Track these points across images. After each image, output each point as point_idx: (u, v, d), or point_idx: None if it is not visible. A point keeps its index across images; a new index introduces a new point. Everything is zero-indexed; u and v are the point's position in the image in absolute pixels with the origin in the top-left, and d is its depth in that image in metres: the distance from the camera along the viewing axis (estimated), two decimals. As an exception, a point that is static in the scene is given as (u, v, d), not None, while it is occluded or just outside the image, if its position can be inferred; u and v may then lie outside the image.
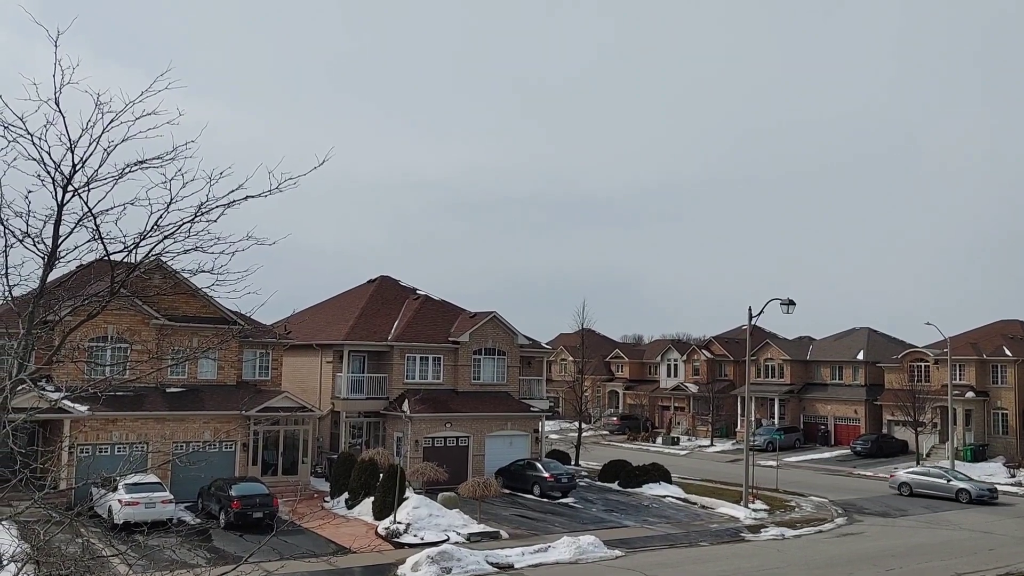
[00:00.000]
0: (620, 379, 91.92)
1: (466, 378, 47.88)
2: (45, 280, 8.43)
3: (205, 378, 40.65)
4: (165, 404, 38.26)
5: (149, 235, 8.41)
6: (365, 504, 35.97)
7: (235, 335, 40.66)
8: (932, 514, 41.27)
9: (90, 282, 10.06)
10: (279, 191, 8.49)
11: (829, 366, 75.03)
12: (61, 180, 8.13)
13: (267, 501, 33.27)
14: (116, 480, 29.05)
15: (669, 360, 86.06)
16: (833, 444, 71.13)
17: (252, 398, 40.09)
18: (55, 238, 8.26)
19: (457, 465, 43.46)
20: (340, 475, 38.70)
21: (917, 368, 67.25)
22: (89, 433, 36.10)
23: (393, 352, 46.51)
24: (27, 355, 8.47)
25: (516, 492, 43.10)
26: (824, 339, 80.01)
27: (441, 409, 45.44)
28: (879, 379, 70.69)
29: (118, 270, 8.81)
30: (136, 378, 26.45)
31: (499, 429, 46.58)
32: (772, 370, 76.77)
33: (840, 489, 49.01)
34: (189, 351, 37.10)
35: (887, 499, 45.73)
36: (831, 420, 73.11)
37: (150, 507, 31.30)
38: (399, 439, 44.61)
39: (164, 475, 34.58)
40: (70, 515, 9.37)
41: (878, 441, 65.36)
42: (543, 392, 53.47)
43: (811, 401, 74.49)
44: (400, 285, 53.26)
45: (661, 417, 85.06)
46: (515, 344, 49.88)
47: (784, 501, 43.60)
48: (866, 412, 70.35)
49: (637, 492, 44.57)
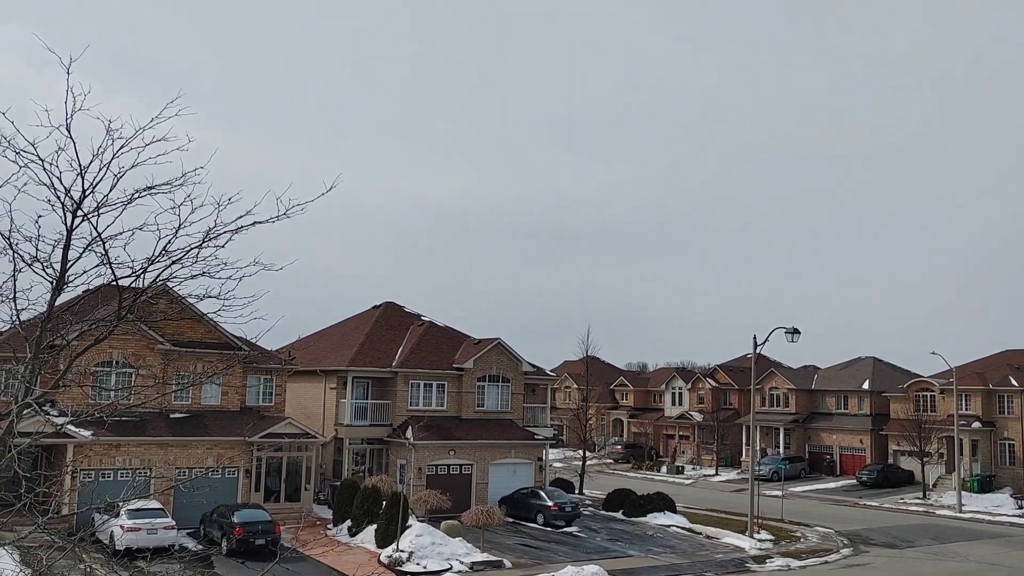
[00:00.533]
0: (624, 407, 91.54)
1: (470, 405, 47.74)
2: (53, 304, 8.48)
3: (209, 404, 40.61)
4: (169, 429, 38.20)
5: (157, 260, 8.46)
6: (368, 532, 35.77)
7: (240, 361, 40.69)
8: (939, 545, 40.88)
9: (97, 307, 10.11)
10: (287, 217, 8.55)
11: (834, 395, 74.70)
12: (71, 205, 8.20)
13: (270, 528, 33.09)
14: (119, 506, 29.05)
15: (674, 388, 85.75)
16: (839, 474, 70.70)
17: (256, 424, 40.00)
18: (64, 262, 8.32)
19: (460, 493, 43.22)
20: (343, 502, 38.52)
21: (923, 398, 66.93)
22: (93, 458, 36.03)
23: (397, 378, 46.45)
24: (33, 379, 8.50)
25: (519, 521, 42.83)
26: (829, 368, 79.75)
27: (445, 436, 45.28)
28: (885, 409, 70.33)
29: (125, 295, 8.86)
30: (141, 403, 26.45)
31: (503, 457, 46.36)
32: (777, 399, 76.44)
33: (846, 520, 48.60)
34: (194, 377, 37.11)
35: (894, 530, 45.33)
36: (836, 450, 72.67)
37: (152, 533, 31.16)
38: (402, 466, 44.42)
39: (167, 501, 34.45)
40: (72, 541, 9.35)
41: (884, 471, 64.92)
42: (547, 420, 53.24)
43: (816, 430, 74.10)
44: (404, 311, 53.27)
45: (666, 446, 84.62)
46: (519, 371, 49.79)
47: (789, 531, 43.25)
48: (872, 442, 69.94)
49: (642, 521, 44.26)
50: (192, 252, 8.52)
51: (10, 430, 8.28)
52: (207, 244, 8.52)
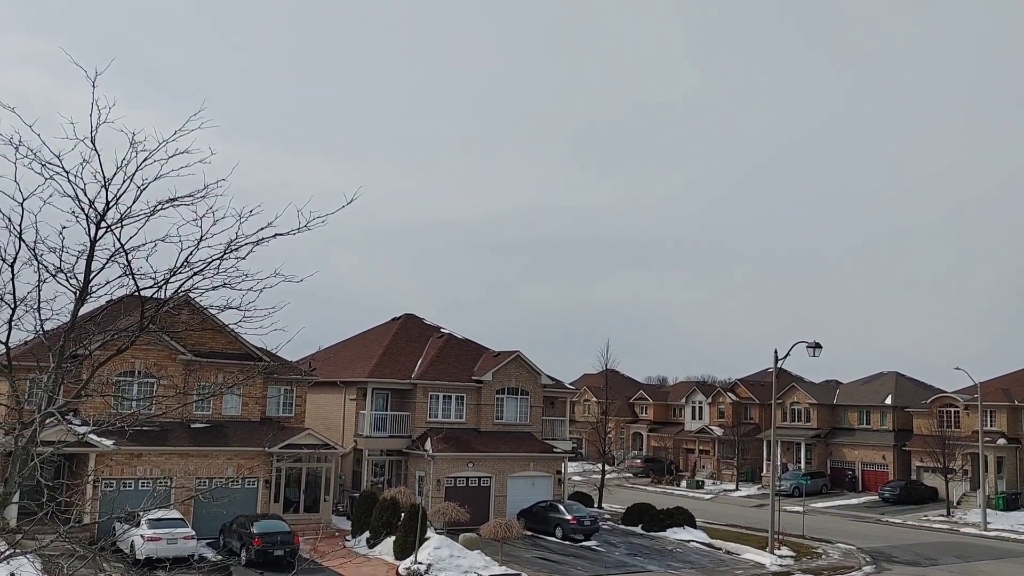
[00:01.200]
0: (644, 421, 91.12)
1: (489, 417, 47.70)
2: (76, 314, 8.56)
3: (230, 414, 40.81)
4: (189, 439, 38.42)
5: (179, 271, 8.54)
6: (386, 543, 35.77)
7: (260, 371, 40.89)
8: (964, 564, 40.33)
9: (120, 317, 10.21)
10: (307, 229, 8.61)
11: (856, 410, 74.03)
12: (95, 216, 8.29)
13: (288, 539, 33.16)
14: (139, 515, 29.24)
15: (694, 402, 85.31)
16: (861, 490, 69.96)
17: (276, 435, 40.15)
18: (87, 273, 8.40)
19: (479, 505, 43.12)
20: (362, 513, 38.54)
21: (946, 414, 66.17)
22: (114, 467, 36.26)
23: (416, 390, 46.50)
24: (56, 389, 8.58)
25: (538, 534, 42.67)
26: (851, 383, 79.06)
27: (463, 448, 45.25)
28: (908, 424, 69.60)
29: (147, 305, 8.94)
30: (162, 413, 26.59)
31: (521, 470, 46.24)
32: (798, 414, 75.84)
33: (868, 536, 48.06)
34: (215, 387, 37.33)
35: (917, 547, 44.77)
36: (859, 465, 71.96)
37: (172, 543, 31.30)
38: (421, 478, 44.41)
39: (187, 511, 34.60)
40: (93, 550, 9.40)
41: (907, 488, 64.16)
42: (566, 433, 53.09)
43: (838, 446, 73.42)
44: (424, 323, 53.38)
45: (685, 460, 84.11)
46: (538, 384, 49.70)
47: (811, 548, 42.81)
48: (894, 458, 69.19)
49: (661, 536, 43.98)
50: (214, 263, 8.59)
51: (33, 439, 8.36)
52: (228, 255, 8.59)
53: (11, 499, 8.70)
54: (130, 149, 8.21)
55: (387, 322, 54.58)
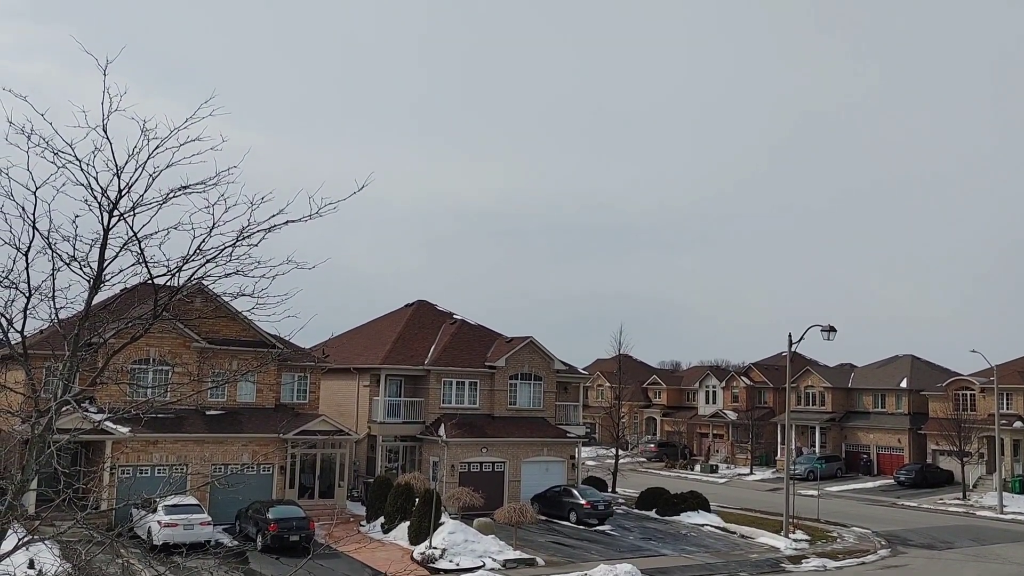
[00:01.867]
0: (658, 405, 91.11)
1: (502, 403, 47.78)
2: (90, 303, 8.58)
3: (244, 401, 41.02)
4: (205, 426, 38.65)
5: (192, 259, 8.54)
6: (401, 529, 35.94)
7: (274, 358, 41.06)
8: (980, 547, 40.20)
9: (133, 305, 10.23)
10: (319, 216, 8.59)
11: (871, 394, 73.77)
12: (107, 205, 8.29)
13: (304, 524, 33.37)
14: (156, 501, 29.49)
15: (707, 387, 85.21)
16: (876, 474, 69.80)
17: (290, 421, 40.36)
18: (101, 262, 8.41)
19: (493, 491, 43.25)
20: (376, 499, 38.73)
21: (962, 397, 65.82)
22: (130, 454, 36.55)
23: (430, 376, 46.61)
24: (72, 377, 8.62)
25: (552, 519, 42.79)
26: (866, 366, 78.75)
27: (477, 434, 45.37)
28: (923, 408, 69.30)
29: (161, 293, 8.95)
30: (177, 400, 26.70)
31: (535, 455, 46.34)
32: (813, 398, 75.64)
33: (883, 520, 47.96)
34: (229, 374, 37.52)
35: (933, 531, 44.65)
36: (874, 449, 71.76)
37: (189, 529, 31.56)
38: (435, 464, 44.57)
39: (203, 497, 34.86)
40: (111, 536, 9.47)
41: (922, 471, 63.97)
42: (580, 418, 53.15)
43: (853, 429, 73.21)
44: (437, 309, 53.43)
45: (699, 444, 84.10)
46: (552, 369, 49.73)
47: (826, 532, 42.77)
48: (910, 441, 68.96)
49: (675, 520, 44.02)
50: (226, 251, 8.58)
51: (49, 427, 8.40)
52: (241, 243, 8.58)
53: (29, 486, 8.76)
54: (142, 137, 8.20)
55: (400, 308, 54.67)
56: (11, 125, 7.93)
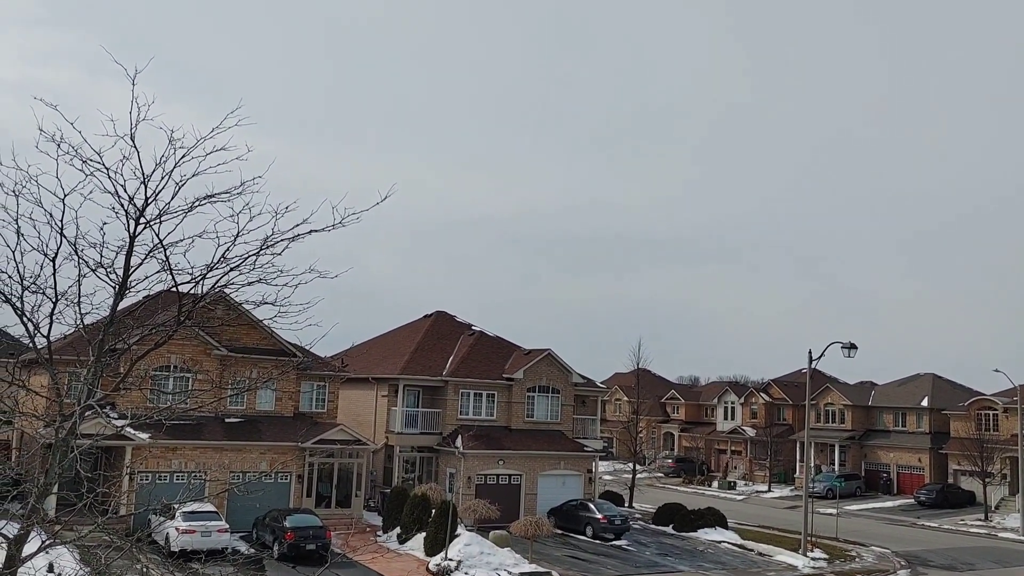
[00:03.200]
0: (675, 421, 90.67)
1: (520, 416, 47.72)
2: (115, 309, 8.69)
3: (263, 409, 41.21)
4: (224, 434, 38.83)
5: (216, 267, 8.63)
6: (417, 539, 35.92)
7: (294, 367, 41.27)
8: (1002, 569, 39.66)
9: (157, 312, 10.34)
10: (342, 226, 8.67)
11: (892, 412, 73.08)
12: (134, 212, 8.41)
13: (320, 533, 33.43)
14: (174, 508, 29.62)
15: (726, 403, 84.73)
16: (896, 493, 69.06)
17: (308, 430, 40.49)
18: (126, 268, 8.52)
19: (509, 503, 43.17)
20: (393, 509, 38.75)
21: (985, 416, 65.07)
22: (150, 460, 36.78)
23: (447, 387, 46.64)
24: (95, 382, 8.72)
25: (568, 533, 42.62)
26: (887, 384, 78.08)
27: (494, 446, 45.31)
28: (944, 427, 68.56)
29: (184, 301, 9.05)
30: (197, 407, 26.90)
31: (552, 468, 46.22)
32: (832, 415, 75.02)
33: (903, 540, 47.42)
34: (249, 382, 37.71)
35: (953, 552, 44.08)
36: (894, 468, 71.03)
37: (206, 536, 31.66)
38: (452, 475, 44.54)
39: (220, 504, 34.99)
40: (130, 541, 9.54)
41: (943, 491, 63.22)
42: (597, 432, 52.98)
43: (873, 448, 72.54)
44: (456, 320, 53.51)
45: (717, 460, 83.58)
46: (569, 382, 49.64)
47: (844, 550, 42.33)
48: (931, 461, 68.21)
49: (692, 537, 43.73)
50: (250, 259, 8.68)
51: (72, 431, 8.50)
52: (264, 251, 8.67)
53: (51, 490, 8.86)
54: (169, 146, 8.32)
55: (419, 319, 54.80)
56: (42, 133, 8.07)
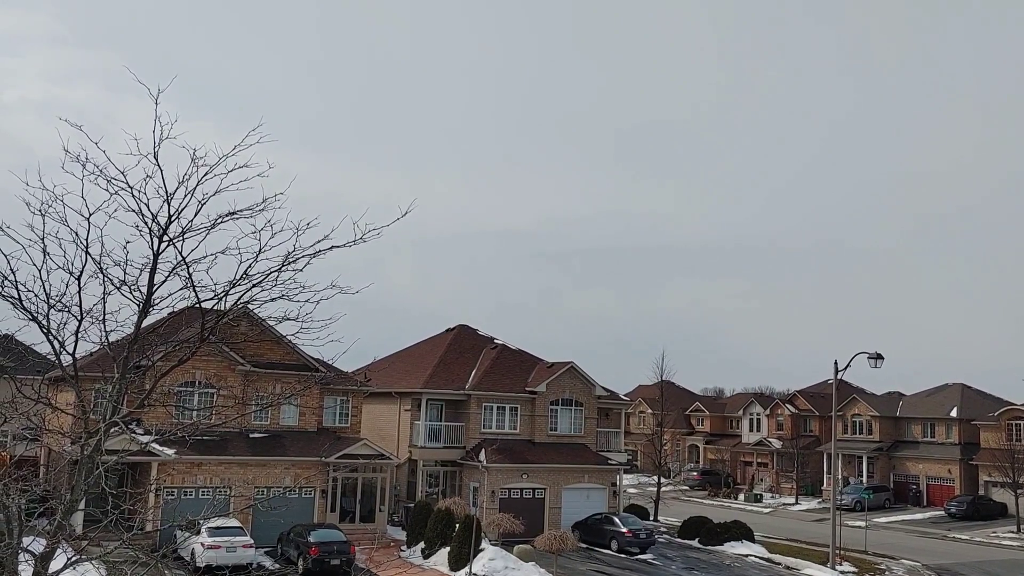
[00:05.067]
0: (700, 433, 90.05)
1: (543, 429, 47.57)
2: (140, 326, 8.75)
3: (287, 424, 41.34)
4: (248, 449, 38.98)
5: (238, 283, 8.68)
6: (441, 554, 35.83)
7: (317, 382, 41.40)
8: (1035, 583, 38.98)
9: (181, 328, 10.41)
10: (363, 241, 8.70)
11: (920, 423, 72.19)
12: (157, 230, 8.48)
13: (344, 548, 33.44)
14: (199, 523, 29.75)
15: (751, 414, 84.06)
16: (925, 505, 68.15)
17: (332, 445, 40.56)
18: (150, 286, 8.59)
19: (533, 517, 42.98)
20: (416, 524, 38.70)
21: (1016, 426, 64.15)
22: (175, 476, 36.96)
23: (470, 401, 46.61)
24: (120, 398, 8.78)
25: (593, 547, 42.36)
26: (915, 395, 77.18)
27: (517, 460, 45.18)
28: (974, 437, 67.62)
29: (208, 317, 9.10)
30: (221, 423, 27.04)
31: (576, 481, 46.01)
32: (860, 426, 74.22)
33: (934, 553, 46.74)
34: (272, 397, 37.86)
35: (985, 565, 43.40)
36: (923, 479, 70.12)
37: (231, 551, 31.76)
38: (475, 489, 44.44)
39: (245, 520, 35.08)
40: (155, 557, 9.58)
41: (974, 503, 62.30)
42: (621, 445, 52.71)
43: (901, 459, 71.66)
44: (478, 334, 53.51)
45: (743, 473, 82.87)
46: (593, 395, 49.45)
47: (873, 564, 41.78)
48: (961, 472, 67.26)
49: (718, 550, 43.33)
50: (272, 275, 8.72)
51: (98, 448, 8.55)
52: (286, 268, 8.71)
53: (77, 506, 8.91)
54: (191, 164, 8.38)
55: (441, 333, 54.84)
56: (67, 153, 8.16)
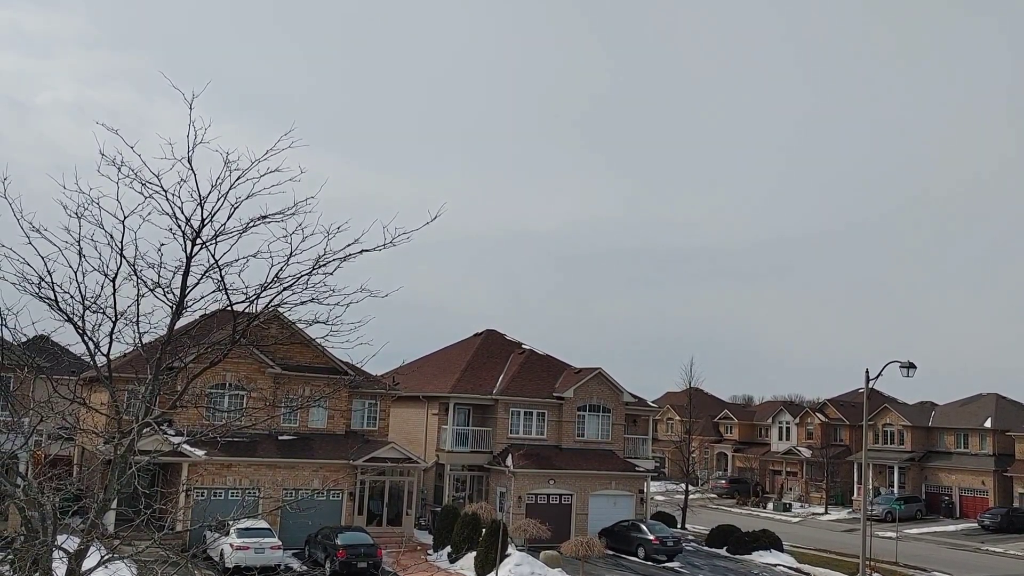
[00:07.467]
0: (729, 440, 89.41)
1: (570, 434, 47.47)
2: (172, 328, 8.87)
3: (315, 426, 41.60)
4: (277, 451, 39.28)
5: (270, 286, 8.77)
6: (467, 559, 35.86)
7: (346, 385, 41.65)
8: (1071, 597, 38.24)
9: (212, 331, 10.53)
10: (393, 245, 8.76)
11: (953, 433, 71.14)
12: (191, 234, 8.59)
13: (371, 551, 33.56)
14: (229, 524, 30.01)
15: (781, 422, 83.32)
16: (958, 516, 67.11)
17: (360, 448, 40.75)
18: (183, 288, 8.70)
19: (559, 523, 42.90)
20: (443, 528, 38.76)
21: (1052, 438, 62.99)
22: (205, 477, 37.33)
23: (498, 406, 46.63)
24: (153, 399, 8.89)
25: (619, 554, 42.18)
26: (948, 404, 76.09)
27: (544, 465, 45.11)
28: (1009, 448, 66.52)
29: (239, 320, 9.20)
30: (252, 425, 27.27)
31: (603, 488, 45.85)
32: (891, 436, 73.30)
33: (966, 566, 46.00)
34: (302, 400, 38.12)
35: (1020, 579, 42.68)
36: (956, 491, 69.06)
37: (260, 552, 31.99)
38: (502, 494, 44.43)
39: (274, 521, 35.32)
40: (185, 557, 9.69)
41: (1009, 515, 61.22)
42: (649, 452, 52.45)
43: (933, 470, 70.64)
44: (505, 339, 53.54)
45: (772, 482, 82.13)
46: (620, 401, 49.26)
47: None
48: (995, 483, 66.19)
49: (746, 559, 42.96)
50: (303, 279, 8.80)
51: (131, 448, 8.67)
52: (317, 271, 8.79)
53: (110, 505, 9.03)
54: (224, 168, 8.48)
55: (469, 337, 54.95)
56: (103, 157, 8.29)
